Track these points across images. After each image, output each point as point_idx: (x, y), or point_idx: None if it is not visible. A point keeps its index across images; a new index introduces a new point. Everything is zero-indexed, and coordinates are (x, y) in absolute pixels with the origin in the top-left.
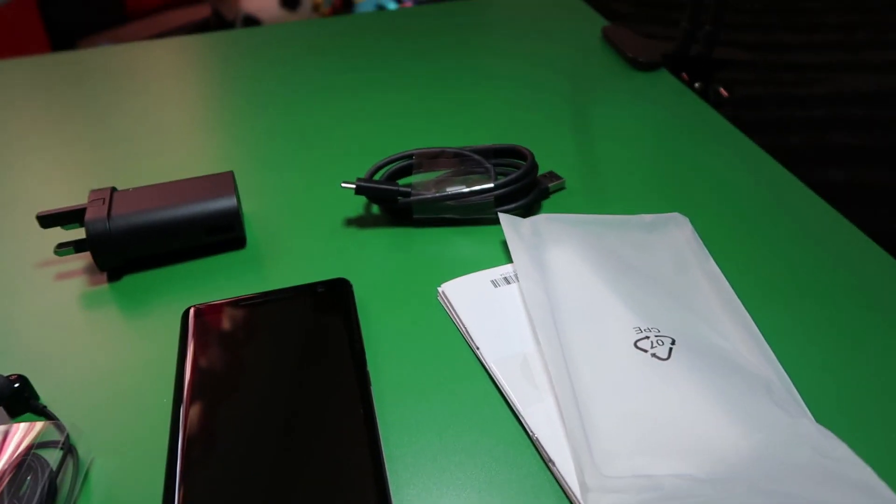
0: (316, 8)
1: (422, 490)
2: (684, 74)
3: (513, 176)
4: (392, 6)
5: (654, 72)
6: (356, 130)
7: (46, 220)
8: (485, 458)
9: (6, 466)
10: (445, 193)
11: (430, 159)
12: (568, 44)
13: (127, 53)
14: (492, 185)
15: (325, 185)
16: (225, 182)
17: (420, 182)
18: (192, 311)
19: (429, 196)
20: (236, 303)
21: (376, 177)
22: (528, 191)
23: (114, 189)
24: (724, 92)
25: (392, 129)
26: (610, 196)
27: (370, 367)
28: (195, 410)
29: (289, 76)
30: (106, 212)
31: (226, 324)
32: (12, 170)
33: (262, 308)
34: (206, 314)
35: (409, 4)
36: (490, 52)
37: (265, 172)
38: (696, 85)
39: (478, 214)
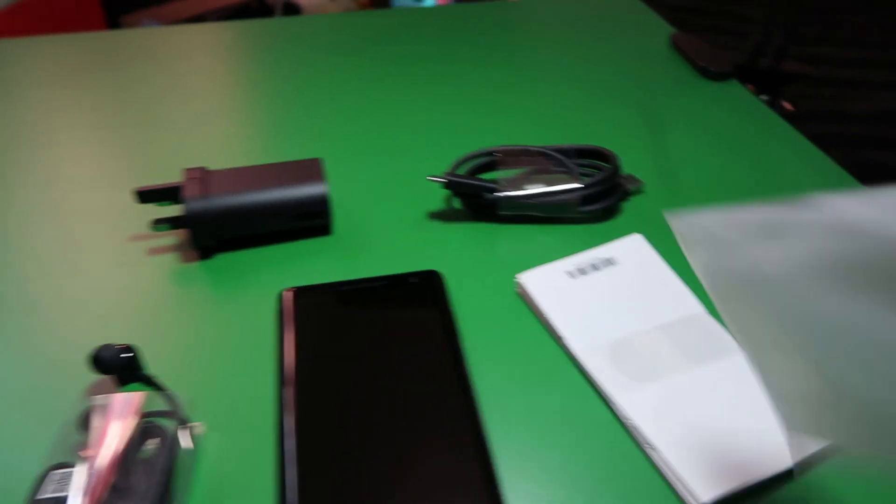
0: None
1: (525, 477)
2: (750, 86)
3: (600, 177)
4: (430, 2)
5: (723, 82)
6: (429, 125)
7: (144, 196)
8: (578, 442)
9: (133, 432)
10: (533, 192)
11: (512, 157)
12: (633, 49)
13: (198, 34)
14: (580, 184)
15: (410, 176)
16: (315, 168)
17: (504, 179)
18: (288, 293)
19: (517, 194)
20: (332, 287)
21: (460, 171)
22: (611, 192)
23: (205, 169)
24: (788, 106)
25: (462, 125)
26: (686, 201)
27: None
28: (302, 393)
29: (362, 67)
30: (204, 191)
31: (323, 307)
32: (93, 146)
33: (357, 294)
34: (304, 297)
35: (445, 1)
36: (550, 53)
37: (345, 162)
38: (763, 97)
39: (561, 213)
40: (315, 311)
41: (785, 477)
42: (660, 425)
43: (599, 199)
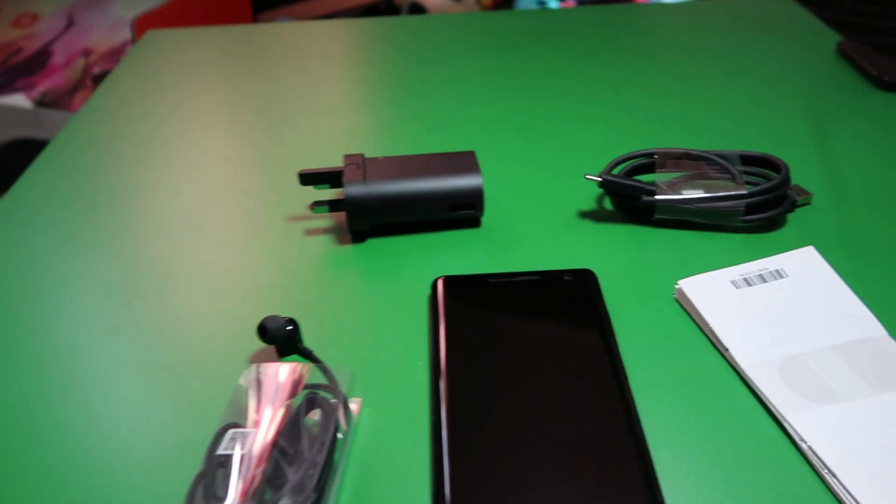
0: (479, 0)
1: (684, 490)
2: None
3: (769, 185)
4: (554, 3)
5: None
6: (581, 124)
7: (306, 178)
8: (742, 458)
9: (298, 401)
10: (693, 196)
11: (672, 160)
12: (796, 56)
13: (341, 29)
14: (744, 191)
15: (561, 174)
16: (469, 160)
17: (663, 182)
18: (441, 281)
19: (676, 198)
20: (485, 279)
21: (615, 171)
22: (779, 202)
23: (363, 156)
24: None
25: (616, 126)
26: (859, 218)
27: None
28: (455, 384)
29: (507, 66)
30: (362, 176)
31: (476, 298)
32: (254, 130)
33: (510, 287)
34: (457, 286)
35: (572, 3)
36: (703, 59)
37: (497, 156)
38: None
39: (722, 221)
40: (469, 300)
41: None
42: (839, 450)
43: (766, 208)
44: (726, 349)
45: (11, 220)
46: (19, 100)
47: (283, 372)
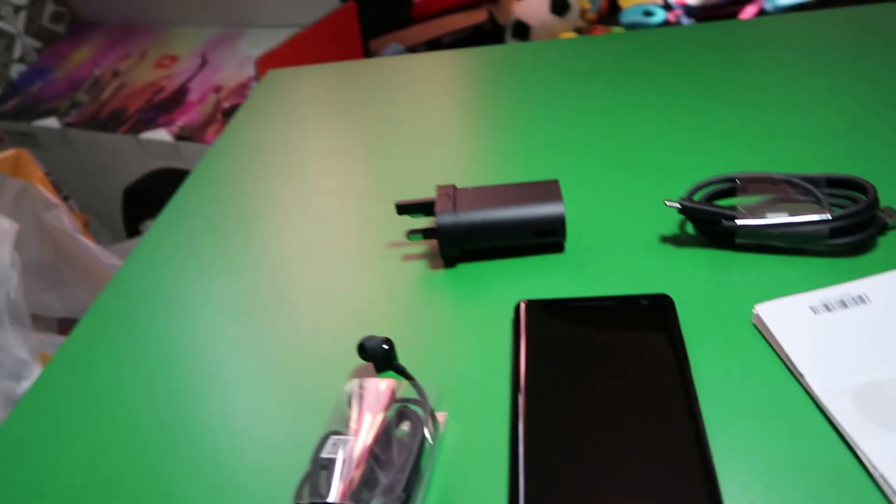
0: (583, 14)
1: None
2: None
3: (854, 208)
4: (660, 13)
5: None
6: (663, 147)
7: (402, 209)
8: (813, 486)
9: (391, 413)
10: (775, 221)
11: (754, 183)
12: None
13: (440, 61)
14: (828, 216)
15: (643, 199)
16: (553, 189)
17: (743, 206)
18: (524, 304)
19: (757, 223)
20: (565, 302)
21: (695, 196)
22: (867, 226)
23: (455, 186)
24: None
25: (698, 149)
26: None
27: None
28: (533, 401)
29: (595, 92)
30: (452, 206)
31: (556, 321)
32: (358, 162)
33: (589, 311)
34: (537, 309)
35: (679, 12)
36: (808, 75)
37: (580, 182)
38: None
39: (807, 245)
40: (549, 323)
41: None
42: None
43: (852, 231)
44: (801, 375)
45: (158, 244)
46: (161, 134)
47: (379, 386)
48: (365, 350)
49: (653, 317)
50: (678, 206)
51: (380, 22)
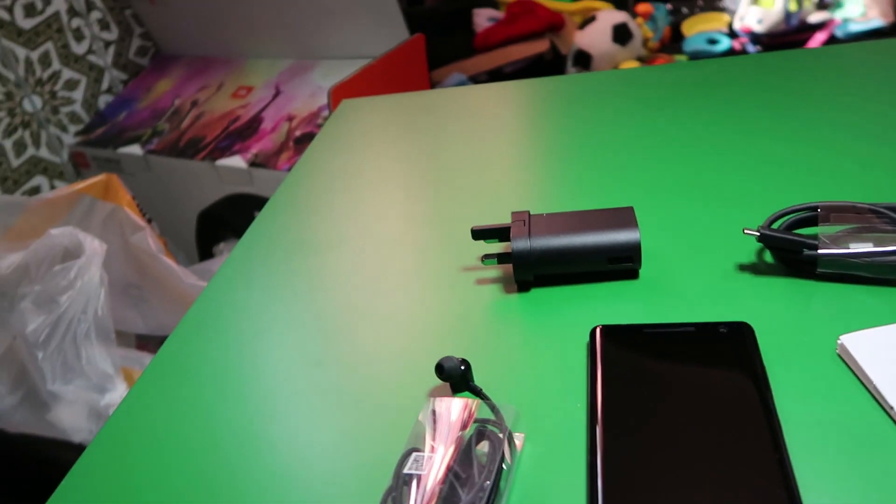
0: (645, 42)
1: None
2: None
3: None
4: (725, 41)
5: None
6: (741, 175)
7: (478, 234)
8: None
9: (470, 432)
10: (857, 251)
11: (837, 213)
12: None
13: (506, 91)
14: None
15: (718, 227)
16: (627, 216)
17: (826, 235)
18: (599, 329)
19: (842, 252)
20: (640, 328)
21: (775, 225)
22: None
23: (529, 213)
24: None
25: (777, 177)
26: None
27: None
28: (610, 431)
29: (663, 120)
30: (527, 232)
31: (632, 347)
32: (433, 188)
33: (665, 338)
34: (613, 334)
35: (744, 40)
36: (872, 101)
37: (657, 208)
38: None
39: (892, 275)
40: (624, 349)
41: None
42: None
43: None
44: (891, 407)
45: (240, 268)
46: (236, 161)
47: (457, 406)
48: (443, 370)
49: (732, 345)
50: (757, 234)
51: (442, 52)
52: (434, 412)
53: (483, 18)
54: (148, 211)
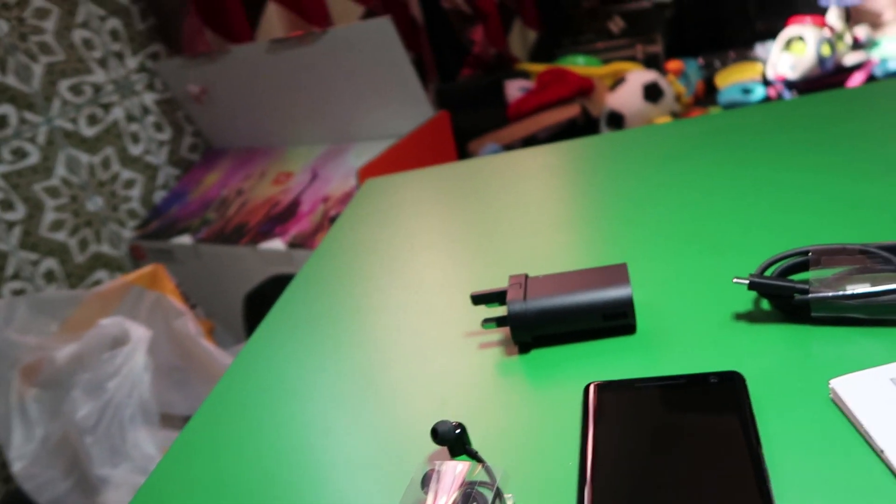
0: (678, 98)
1: None
2: None
3: None
4: (759, 90)
5: None
6: (734, 226)
7: (477, 299)
8: None
9: (458, 495)
10: (849, 292)
11: (828, 256)
12: None
13: (526, 158)
14: None
15: (711, 278)
16: (620, 273)
17: (818, 279)
18: (592, 386)
19: (830, 294)
20: (632, 383)
21: (767, 272)
22: None
23: (527, 276)
24: None
25: (771, 224)
26: None
27: None
28: (598, 485)
29: (665, 176)
30: (523, 295)
31: (623, 402)
32: (444, 256)
33: (656, 391)
34: (606, 391)
35: (779, 87)
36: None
37: (653, 265)
38: None
39: (888, 315)
40: (616, 405)
41: None
42: None
43: None
44: (882, 451)
45: (267, 340)
46: (276, 244)
47: (450, 469)
48: (438, 435)
49: (722, 395)
50: (747, 282)
51: (478, 123)
52: (430, 475)
53: (514, 89)
54: (196, 296)
